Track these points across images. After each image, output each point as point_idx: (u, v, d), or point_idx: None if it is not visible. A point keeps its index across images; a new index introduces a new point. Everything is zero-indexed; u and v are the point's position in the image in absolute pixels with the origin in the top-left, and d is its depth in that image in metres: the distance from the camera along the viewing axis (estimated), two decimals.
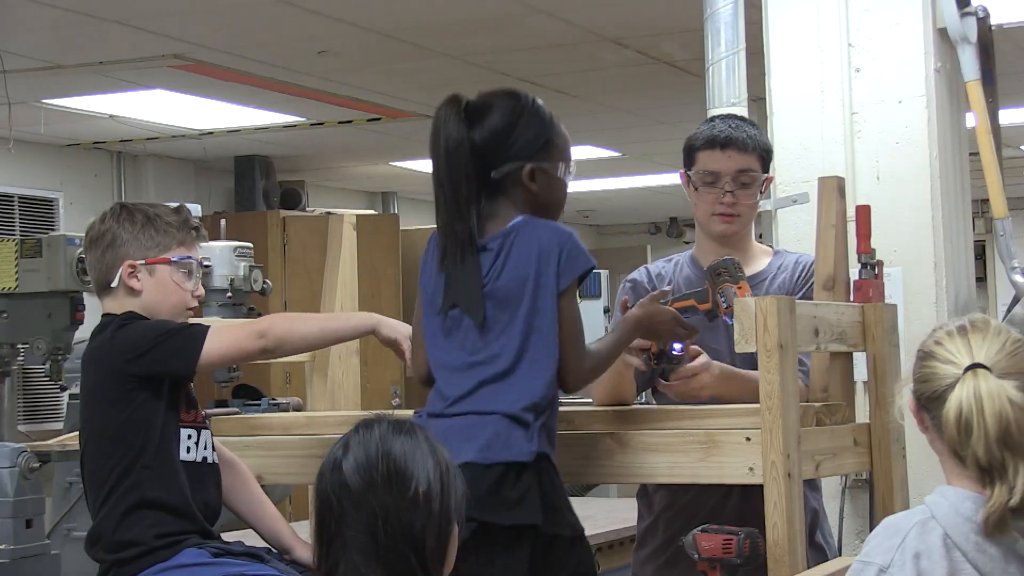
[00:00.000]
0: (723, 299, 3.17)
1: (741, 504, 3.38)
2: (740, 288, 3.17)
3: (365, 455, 2.45)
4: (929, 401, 2.34)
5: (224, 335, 3.07)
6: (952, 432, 2.26)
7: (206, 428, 3.16)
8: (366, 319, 3.24)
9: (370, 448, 2.45)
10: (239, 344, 3.08)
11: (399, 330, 3.23)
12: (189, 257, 3.19)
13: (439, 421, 2.92)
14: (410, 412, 3.00)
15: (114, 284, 3.14)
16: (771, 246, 3.85)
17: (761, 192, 3.62)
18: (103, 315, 3.17)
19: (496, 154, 2.99)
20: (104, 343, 3.09)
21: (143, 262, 3.13)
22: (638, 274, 3.70)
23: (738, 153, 3.53)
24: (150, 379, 3.04)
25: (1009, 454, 2.22)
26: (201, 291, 3.25)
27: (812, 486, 3.61)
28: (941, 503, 2.30)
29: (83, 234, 3.29)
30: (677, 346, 3.26)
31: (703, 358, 3.29)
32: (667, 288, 3.27)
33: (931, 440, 2.40)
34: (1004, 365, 2.29)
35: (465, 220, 2.95)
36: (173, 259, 3.16)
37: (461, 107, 3.00)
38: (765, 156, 3.60)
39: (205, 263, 3.35)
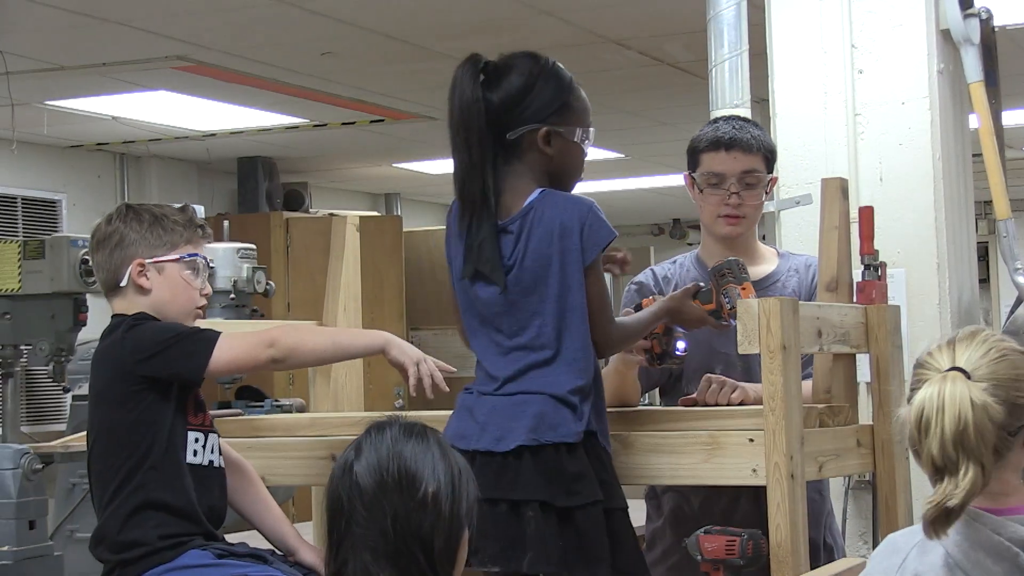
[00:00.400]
0: (727, 300, 3.16)
1: (751, 508, 3.39)
2: (744, 289, 3.16)
3: (376, 458, 2.49)
4: None
5: (235, 342, 3.05)
6: (912, 429, 2.22)
7: (213, 432, 3.16)
8: (376, 338, 3.18)
9: (381, 451, 2.49)
10: (249, 352, 3.05)
11: (408, 353, 3.15)
12: (196, 255, 3.20)
13: (487, 399, 2.94)
14: (419, 413, 3.01)
15: (123, 283, 3.14)
16: (775, 248, 3.85)
17: (766, 193, 3.61)
18: (113, 316, 3.17)
19: (512, 115, 2.97)
20: (115, 344, 3.09)
21: (152, 260, 3.14)
22: (644, 276, 3.69)
23: (743, 154, 3.53)
24: (158, 381, 3.04)
25: (963, 455, 2.18)
26: (208, 289, 3.25)
27: (821, 486, 3.62)
28: None
29: (86, 235, 3.29)
30: (680, 346, 3.27)
31: (738, 393, 3.31)
32: (701, 284, 3.26)
33: None
34: (984, 371, 2.25)
35: (478, 181, 2.93)
36: (181, 257, 3.17)
37: (478, 67, 2.99)
38: (769, 157, 3.59)
39: (209, 264, 3.34)
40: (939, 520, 2.16)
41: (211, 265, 3.32)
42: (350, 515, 2.46)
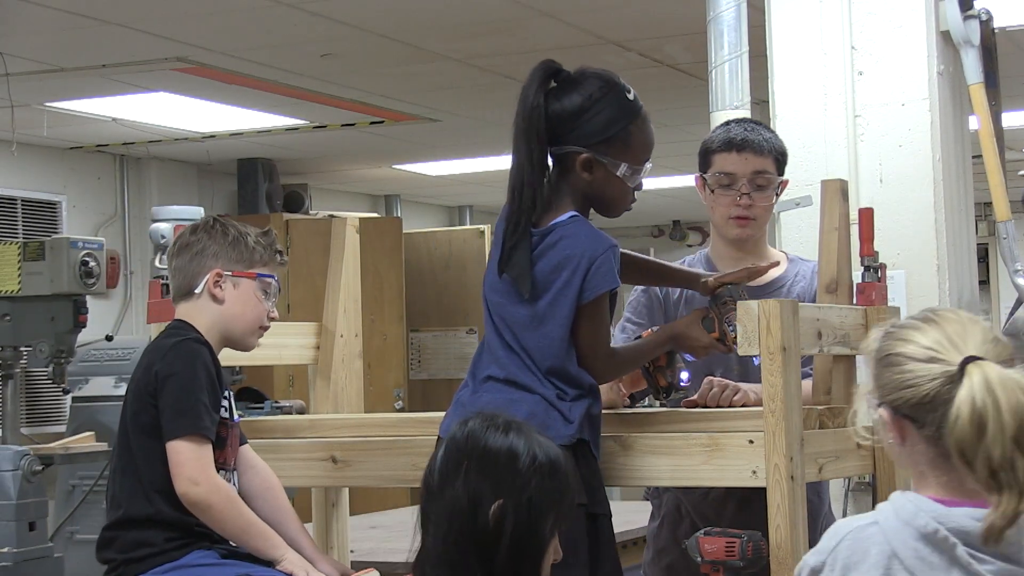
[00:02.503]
0: (731, 328, 3.12)
1: (738, 511, 3.40)
2: None
3: (455, 448, 2.54)
4: (917, 408, 2.11)
5: (192, 455, 3.02)
6: (964, 434, 2.03)
7: (225, 469, 3.15)
8: (276, 550, 3.09)
9: (460, 444, 2.54)
10: (183, 468, 3.02)
11: (296, 564, 3.10)
12: (272, 276, 3.29)
13: (483, 396, 2.96)
14: (419, 414, 3.01)
15: (198, 291, 3.21)
16: (784, 251, 3.85)
17: (777, 195, 3.62)
18: (177, 319, 3.23)
19: (562, 132, 2.98)
20: (160, 348, 3.13)
21: (230, 273, 3.21)
22: None
23: (754, 155, 3.54)
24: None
25: (1020, 454, 2.01)
26: (276, 313, 3.33)
27: (819, 488, 3.63)
28: (886, 508, 2.14)
29: (86, 237, 3.32)
30: (684, 376, 3.26)
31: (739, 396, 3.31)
32: (707, 309, 3.21)
33: (904, 452, 2.16)
34: (994, 354, 2.10)
35: (527, 187, 2.93)
36: (259, 275, 3.25)
37: (549, 73, 2.99)
38: (780, 159, 3.60)
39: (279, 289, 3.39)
40: (1004, 530, 2.03)
41: (280, 291, 3.37)
42: (424, 506, 2.56)
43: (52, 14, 6.55)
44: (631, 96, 3.03)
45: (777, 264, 3.61)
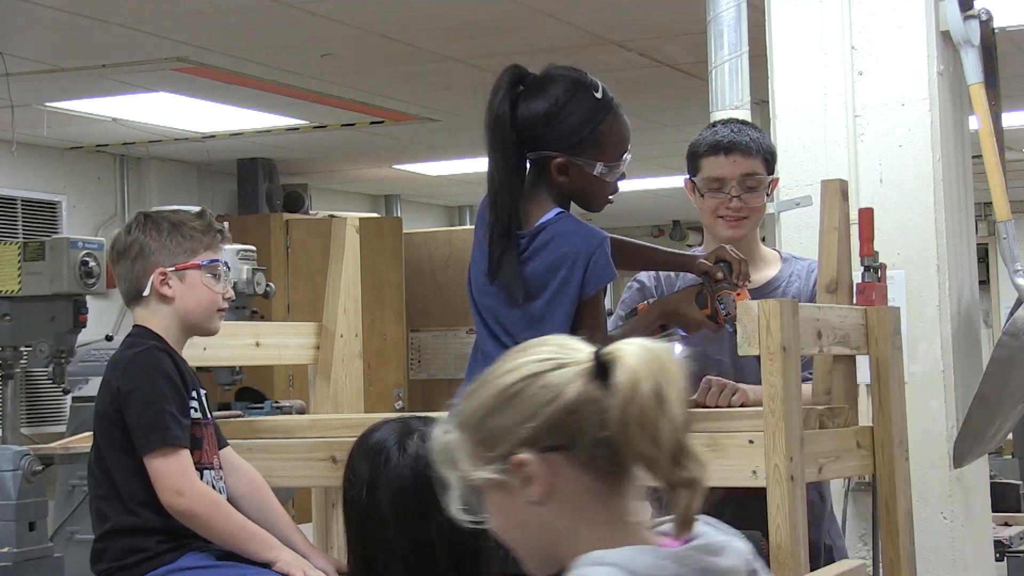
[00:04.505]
0: (722, 306, 3.14)
1: (736, 512, 3.40)
2: (739, 295, 3.15)
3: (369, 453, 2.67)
4: (562, 427, 1.73)
5: (172, 466, 2.99)
6: (647, 410, 1.69)
7: (209, 468, 3.14)
8: (270, 551, 3.07)
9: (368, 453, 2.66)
10: (165, 480, 2.99)
11: (293, 564, 3.09)
12: (216, 260, 3.21)
13: None
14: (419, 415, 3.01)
15: (146, 293, 3.16)
16: (777, 250, 3.85)
17: (768, 195, 3.61)
18: (135, 326, 3.18)
19: (533, 137, 2.96)
20: (119, 364, 3.09)
21: (173, 269, 3.15)
22: (645, 276, 3.69)
23: (742, 157, 3.52)
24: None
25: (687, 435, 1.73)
26: (231, 292, 3.27)
27: (822, 488, 3.63)
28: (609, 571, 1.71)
29: (86, 237, 3.29)
30: (678, 349, 3.25)
31: (738, 396, 3.30)
32: (701, 284, 3.22)
33: (555, 506, 1.78)
34: None
35: (503, 193, 2.92)
36: (202, 263, 3.18)
37: (515, 77, 2.97)
38: (769, 158, 3.58)
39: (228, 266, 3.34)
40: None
41: (229, 267, 3.32)
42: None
43: (52, 14, 6.55)
44: (599, 94, 2.98)
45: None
